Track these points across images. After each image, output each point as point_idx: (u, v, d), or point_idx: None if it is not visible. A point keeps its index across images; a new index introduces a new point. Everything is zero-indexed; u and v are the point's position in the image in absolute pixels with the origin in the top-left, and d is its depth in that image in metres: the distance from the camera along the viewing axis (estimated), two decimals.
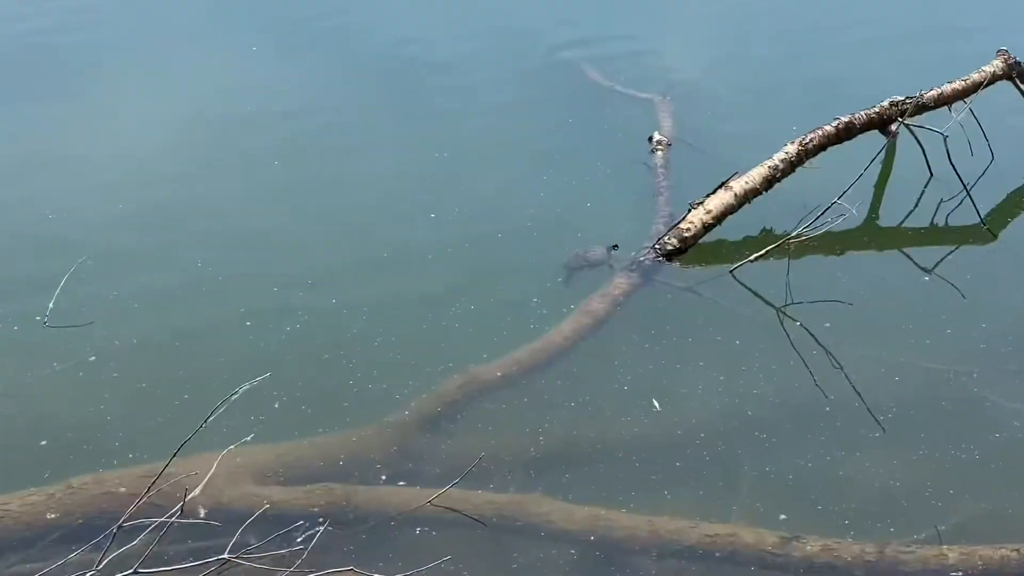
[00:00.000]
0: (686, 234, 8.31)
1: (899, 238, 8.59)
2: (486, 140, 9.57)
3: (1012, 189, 8.88)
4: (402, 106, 9.94)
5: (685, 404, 6.97)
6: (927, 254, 8.37)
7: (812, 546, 5.97)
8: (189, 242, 8.29)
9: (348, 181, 9.08)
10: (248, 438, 5.80)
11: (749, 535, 6.01)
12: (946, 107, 8.84)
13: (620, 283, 8.01)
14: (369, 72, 10.41)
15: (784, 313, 7.79)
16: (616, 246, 8.30)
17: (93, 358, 7.19)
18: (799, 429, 6.85)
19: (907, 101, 8.83)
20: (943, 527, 6.17)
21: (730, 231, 8.51)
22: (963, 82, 8.94)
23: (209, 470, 5.51)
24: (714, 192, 8.44)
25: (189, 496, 5.18)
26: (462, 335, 7.49)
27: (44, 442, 6.66)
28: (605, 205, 8.86)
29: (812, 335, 7.58)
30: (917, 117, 8.78)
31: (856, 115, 8.86)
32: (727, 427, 6.85)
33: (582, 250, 8.22)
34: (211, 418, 5.29)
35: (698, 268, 8.25)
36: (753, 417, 6.94)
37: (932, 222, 8.65)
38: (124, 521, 5.19)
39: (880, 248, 8.51)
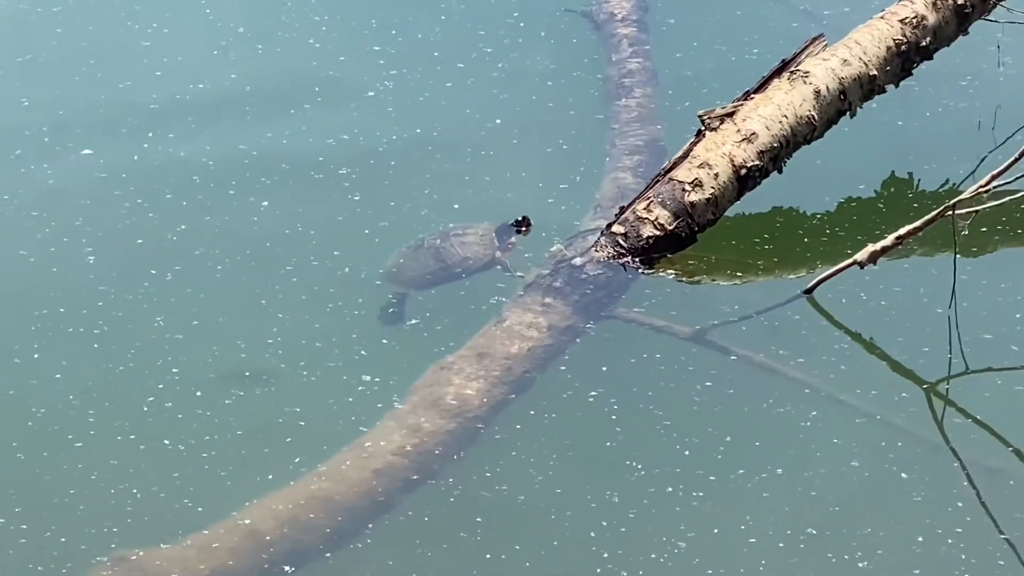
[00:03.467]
0: (690, 198, 5.48)
1: None
2: None
3: None
4: None
5: None
6: None
7: None
8: None
9: None
10: None
11: None
12: None
13: (527, 322, 5.16)
14: None
15: (947, 399, 4.96)
16: (523, 224, 5.52)
17: None
18: None
19: None
20: None
21: (800, 190, 5.83)
22: None
23: None
24: (763, 85, 5.67)
25: None
26: (124, 465, 4.63)
27: None
28: (503, 121, 6.31)
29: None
30: None
31: None
32: None
33: (437, 236, 5.41)
34: None
35: (723, 284, 5.50)
36: None
37: None
38: None
39: None
